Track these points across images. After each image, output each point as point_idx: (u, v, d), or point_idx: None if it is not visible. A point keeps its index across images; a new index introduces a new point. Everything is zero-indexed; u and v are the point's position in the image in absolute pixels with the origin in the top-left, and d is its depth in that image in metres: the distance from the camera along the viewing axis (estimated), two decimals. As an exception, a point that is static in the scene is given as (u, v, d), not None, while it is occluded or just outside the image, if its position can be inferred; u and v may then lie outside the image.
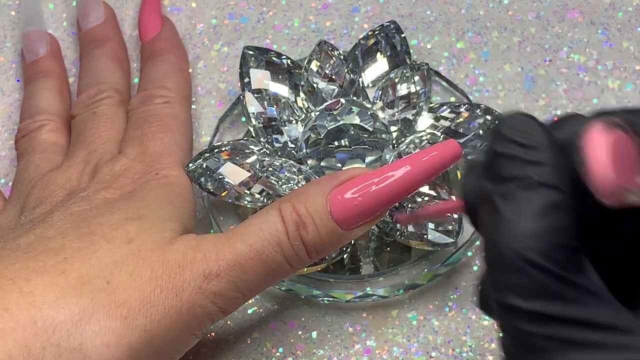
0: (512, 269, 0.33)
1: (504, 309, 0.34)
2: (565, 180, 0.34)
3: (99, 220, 0.44)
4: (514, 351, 0.34)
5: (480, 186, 0.35)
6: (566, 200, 0.33)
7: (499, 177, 0.34)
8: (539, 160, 0.34)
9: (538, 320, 0.33)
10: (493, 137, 0.35)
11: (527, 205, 0.33)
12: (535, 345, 0.33)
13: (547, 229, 0.33)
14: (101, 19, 0.56)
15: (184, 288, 0.42)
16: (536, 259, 0.33)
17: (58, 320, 0.40)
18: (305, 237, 0.43)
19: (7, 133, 0.55)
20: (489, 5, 0.57)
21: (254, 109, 0.50)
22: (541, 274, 0.33)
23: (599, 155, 0.33)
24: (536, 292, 0.33)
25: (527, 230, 0.33)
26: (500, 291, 0.34)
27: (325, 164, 0.49)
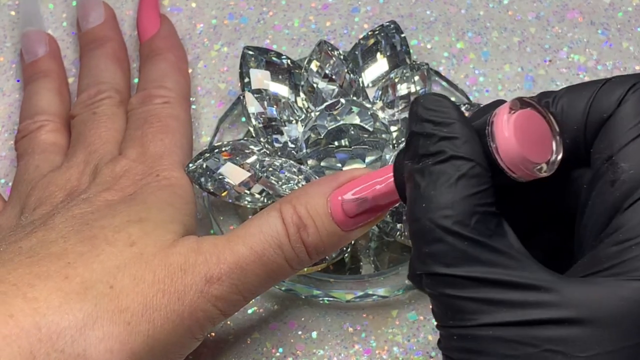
0: (431, 239, 0.35)
1: (429, 277, 0.36)
2: (475, 150, 0.36)
3: (100, 224, 0.44)
4: (443, 316, 0.36)
5: (403, 166, 0.38)
6: (477, 169, 0.36)
7: (416, 155, 0.37)
8: (450, 135, 0.36)
9: (461, 284, 0.35)
10: (409, 118, 0.37)
11: (440, 178, 0.36)
12: (462, 309, 0.35)
13: (459, 197, 0.35)
14: (101, 19, 0.56)
15: (185, 292, 0.42)
16: (452, 227, 0.35)
17: (62, 326, 0.40)
18: (306, 239, 0.43)
19: (7, 133, 0.55)
20: (489, 5, 0.57)
21: (254, 109, 0.50)
22: (458, 240, 0.35)
23: (505, 133, 0.36)
24: (455, 257, 0.35)
25: (442, 201, 0.35)
26: (424, 261, 0.36)
27: (325, 164, 0.49)
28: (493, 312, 0.35)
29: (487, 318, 0.35)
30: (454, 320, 0.35)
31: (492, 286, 0.35)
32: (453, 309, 0.35)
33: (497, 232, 0.35)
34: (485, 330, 0.35)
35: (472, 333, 0.35)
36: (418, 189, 0.36)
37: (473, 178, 0.35)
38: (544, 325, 0.34)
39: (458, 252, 0.35)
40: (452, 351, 0.36)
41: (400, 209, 0.48)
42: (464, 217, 0.35)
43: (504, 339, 0.34)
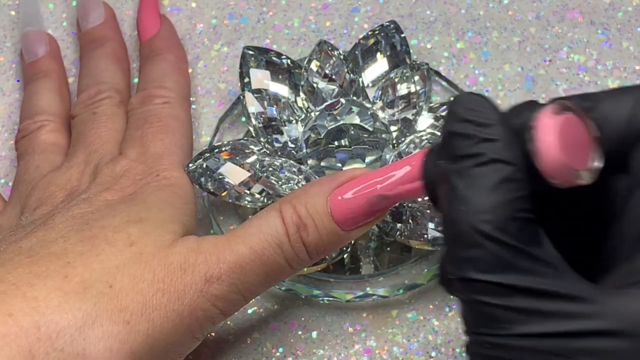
0: (468, 243, 0.34)
1: (463, 283, 0.35)
2: (516, 155, 0.35)
3: (100, 223, 0.44)
4: (475, 323, 0.35)
5: (437, 166, 0.37)
6: (518, 173, 0.35)
7: (453, 155, 0.36)
8: (491, 137, 0.35)
9: (496, 292, 0.34)
10: (447, 117, 0.36)
11: (480, 181, 0.34)
12: (496, 317, 0.34)
13: (500, 202, 0.34)
14: (101, 19, 0.56)
15: (185, 291, 0.42)
16: (490, 232, 0.34)
17: (61, 325, 0.40)
18: (305, 239, 0.43)
19: (7, 133, 0.55)
20: (489, 5, 0.57)
21: (254, 109, 0.50)
22: (496, 246, 0.34)
23: (546, 137, 0.35)
24: (492, 264, 0.34)
25: (481, 205, 0.34)
26: (459, 266, 0.35)
27: (325, 164, 0.49)
28: (529, 322, 0.34)
29: (522, 328, 0.34)
30: (486, 327, 0.34)
31: (529, 295, 0.34)
32: (486, 317, 0.34)
33: (535, 240, 0.34)
34: (520, 341, 0.34)
35: (505, 342, 0.34)
36: (455, 190, 0.35)
37: (514, 183, 0.34)
38: (580, 336, 0.33)
39: (496, 259, 0.34)
40: (482, 358, 0.35)
41: (400, 209, 0.48)
42: (504, 223, 0.34)
43: (538, 350, 0.33)
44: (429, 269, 0.48)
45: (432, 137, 0.49)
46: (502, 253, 0.34)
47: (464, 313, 0.36)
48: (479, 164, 0.35)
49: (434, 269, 0.48)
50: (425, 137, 0.49)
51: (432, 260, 0.49)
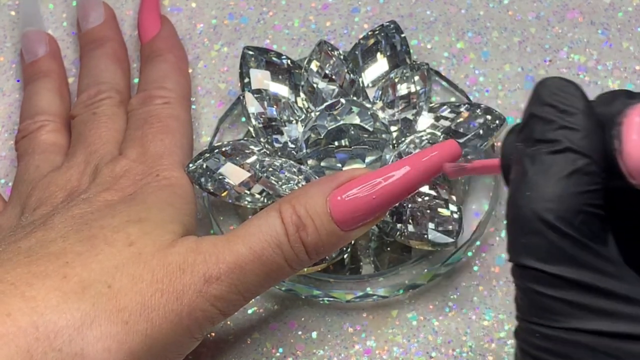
0: (529, 230, 0.34)
1: (519, 269, 0.34)
2: (595, 148, 0.34)
3: (100, 224, 0.44)
4: (528, 311, 0.34)
5: (514, 147, 0.36)
6: (592, 167, 0.34)
7: (530, 138, 0.35)
8: (571, 125, 0.34)
9: (552, 283, 0.33)
10: (531, 98, 0.35)
11: (551, 169, 0.34)
12: (550, 308, 0.34)
13: (567, 193, 0.33)
14: (101, 19, 0.56)
15: (184, 291, 0.42)
16: (553, 221, 0.33)
17: (60, 325, 0.40)
18: (305, 239, 0.43)
19: (7, 133, 0.55)
20: (489, 5, 0.57)
21: (254, 109, 0.50)
22: (557, 236, 0.33)
23: (633, 136, 0.33)
24: (551, 254, 0.33)
25: (548, 193, 0.33)
26: (517, 251, 0.34)
27: (325, 164, 0.49)
28: (584, 317, 0.33)
29: (576, 323, 0.33)
30: (539, 317, 0.34)
31: (587, 291, 0.33)
32: (540, 307, 0.34)
33: (599, 236, 0.34)
34: (572, 335, 0.33)
35: (557, 335, 0.33)
36: (525, 175, 0.34)
37: (586, 175, 0.34)
38: (636, 340, 0.33)
39: (556, 249, 0.33)
40: (532, 347, 0.34)
41: (400, 209, 0.48)
42: (568, 214, 0.33)
43: (590, 347, 0.33)
44: (429, 269, 0.48)
45: (432, 137, 0.49)
46: (563, 244, 0.33)
47: (518, 300, 0.35)
48: (553, 151, 0.34)
49: (434, 269, 0.48)
50: (425, 137, 0.49)
51: (432, 260, 0.49)
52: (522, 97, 0.54)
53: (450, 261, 0.48)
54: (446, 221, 0.47)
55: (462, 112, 0.50)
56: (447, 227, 0.47)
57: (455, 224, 0.47)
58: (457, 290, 0.49)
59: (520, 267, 0.34)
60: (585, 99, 0.35)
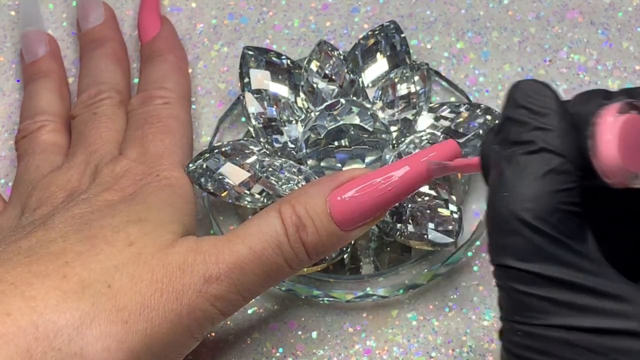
0: (507, 230, 0.34)
1: (500, 270, 0.35)
2: (569, 147, 0.35)
3: (100, 223, 0.44)
4: (510, 310, 0.35)
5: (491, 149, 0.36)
6: (567, 166, 0.34)
7: (506, 141, 0.35)
8: (545, 126, 0.35)
9: (532, 281, 0.34)
10: (505, 101, 0.36)
11: (527, 169, 0.34)
12: (531, 306, 0.34)
13: (544, 192, 0.34)
14: (101, 19, 0.56)
15: (184, 291, 0.42)
16: (531, 220, 0.34)
17: (59, 325, 0.40)
18: (305, 239, 0.43)
19: (7, 133, 0.55)
20: (489, 5, 0.57)
21: (253, 109, 0.50)
22: (535, 235, 0.34)
23: (607, 137, 0.34)
24: (530, 253, 0.34)
25: (525, 193, 0.34)
26: (497, 252, 0.35)
27: (325, 164, 0.49)
28: (564, 314, 0.34)
29: (556, 320, 0.34)
30: (521, 316, 0.34)
31: (566, 288, 0.34)
32: (521, 305, 0.34)
33: (578, 234, 0.34)
34: (553, 332, 0.34)
35: (538, 332, 0.34)
36: (502, 176, 0.35)
37: (561, 174, 0.34)
38: (615, 335, 0.33)
39: (534, 248, 0.34)
40: (515, 346, 0.35)
41: (400, 209, 0.48)
42: (545, 213, 0.34)
43: (571, 343, 0.34)
44: (429, 269, 0.48)
45: (432, 137, 0.49)
46: (541, 243, 0.34)
47: (500, 299, 0.36)
48: (528, 152, 0.35)
49: (434, 269, 0.48)
50: (425, 137, 0.49)
51: (432, 260, 0.49)
52: (522, 97, 0.54)
53: (450, 261, 0.48)
54: (446, 221, 0.47)
55: (462, 112, 0.50)
56: (447, 227, 0.47)
57: (455, 224, 0.47)
58: (457, 290, 0.49)
59: (501, 267, 0.35)
60: (558, 100, 0.36)
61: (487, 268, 0.50)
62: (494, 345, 0.48)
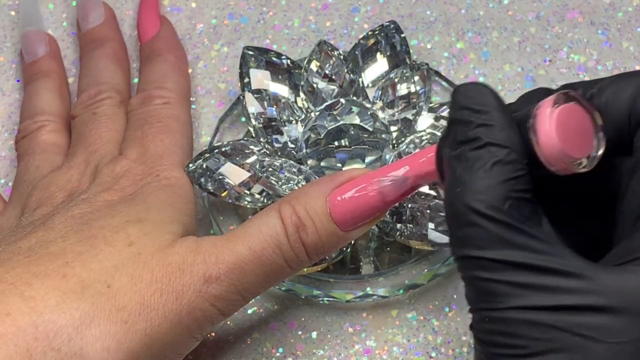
0: (465, 222, 0.36)
1: (463, 260, 0.36)
2: (512, 138, 0.36)
3: (99, 224, 0.44)
4: (475, 299, 0.36)
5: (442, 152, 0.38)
6: (512, 155, 0.36)
7: (454, 142, 0.37)
8: (486, 122, 0.37)
9: (493, 268, 0.35)
10: (450, 105, 0.38)
11: (476, 164, 0.36)
12: (493, 291, 0.35)
13: (493, 183, 0.36)
14: (101, 19, 0.56)
15: (184, 291, 0.42)
16: (484, 210, 0.35)
17: (59, 325, 0.40)
18: (305, 239, 0.43)
19: (7, 133, 0.55)
20: (489, 5, 0.57)
21: (253, 109, 0.50)
22: (491, 223, 0.35)
23: (545, 127, 0.36)
24: (488, 240, 0.35)
25: (475, 185, 0.36)
26: (457, 245, 0.36)
27: (325, 164, 0.49)
28: (525, 295, 0.35)
29: (518, 301, 0.35)
30: (486, 303, 0.35)
31: (524, 270, 0.35)
32: (485, 292, 0.35)
33: (531, 218, 0.36)
34: (516, 313, 0.35)
35: (503, 316, 0.35)
36: (454, 174, 0.37)
37: (508, 164, 0.36)
38: (576, 311, 0.34)
39: (490, 236, 0.35)
40: (484, 334, 0.36)
41: (400, 209, 0.48)
42: (497, 202, 0.35)
43: (535, 322, 0.35)
44: (429, 269, 0.48)
45: (432, 137, 0.49)
46: (496, 229, 0.35)
47: (467, 292, 0.37)
48: (475, 147, 0.36)
49: (434, 269, 0.48)
50: (425, 137, 0.49)
51: (432, 260, 0.49)
52: (522, 97, 0.54)
53: (450, 261, 0.48)
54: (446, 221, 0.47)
55: (462, 112, 0.50)
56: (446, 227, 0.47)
57: (455, 224, 0.47)
58: (457, 290, 0.49)
59: (462, 258, 0.36)
60: (498, 98, 0.38)
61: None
62: (494, 345, 0.48)
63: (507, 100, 0.54)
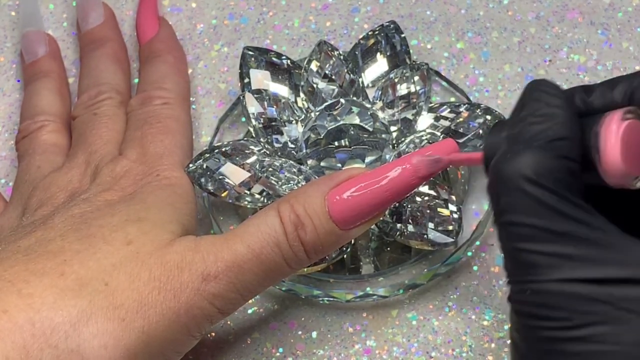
0: (511, 188, 0.36)
1: (505, 227, 0.36)
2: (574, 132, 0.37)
3: (99, 223, 0.44)
4: (516, 270, 0.36)
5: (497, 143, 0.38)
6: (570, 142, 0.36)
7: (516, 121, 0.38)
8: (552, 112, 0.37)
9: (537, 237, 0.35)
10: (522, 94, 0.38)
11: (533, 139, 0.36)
12: (536, 263, 0.35)
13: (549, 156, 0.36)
14: (101, 19, 0.56)
15: (182, 289, 0.42)
16: (535, 177, 0.35)
17: (56, 322, 0.40)
18: (303, 238, 0.43)
19: (7, 133, 0.55)
20: (489, 6, 0.57)
21: (254, 110, 0.50)
22: (541, 190, 0.35)
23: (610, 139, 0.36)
24: (535, 208, 0.35)
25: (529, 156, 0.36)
26: (501, 211, 0.36)
27: (325, 164, 0.49)
28: (570, 267, 0.35)
29: (561, 273, 0.35)
30: (527, 274, 0.35)
31: (569, 241, 0.35)
32: (527, 264, 0.35)
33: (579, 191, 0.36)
34: (559, 286, 0.35)
35: (545, 288, 0.35)
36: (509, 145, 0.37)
37: (564, 147, 0.36)
38: (619, 283, 0.34)
39: (538, 202, 0.35)
40: (525, 306, 0.36)
41: (400, 209, 0.48)
42: (548, 172, 0.36)
43: (578, 295, 0.35)
44: (429, 269, 0.48)
45: (432, 137, 0.49)
46: (544, 197, 0.35)
47: (506, 263, 0.37)
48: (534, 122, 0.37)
49: (434, 269, 0.48)
50: (425, 137, 0.49)
51: (432, 260, 0.49)
52: (522, 97, 0.54)
53: (450, 261, 0.48)
54: (446, 221, 0.47)
55: (462, 112, 0.50)
56: (446, 227, 0.47)
57: (455, 223, 0.47)
58: (457, 290, 0.49)
59: (506, 226, 0.36)
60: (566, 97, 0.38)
61: (487, 268, 0.50)
62: (494, 345, 0.48)
63: (508, 100, 0.54)
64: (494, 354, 0.47)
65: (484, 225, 0.49)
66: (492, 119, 0.50)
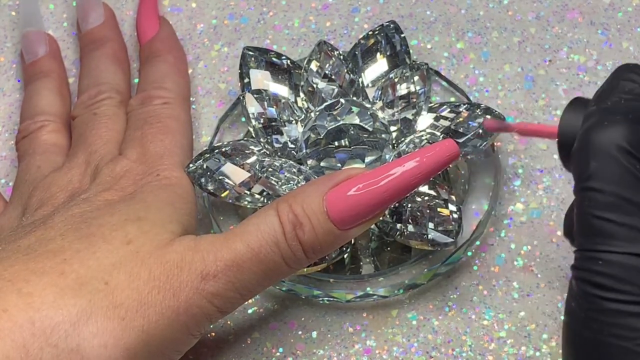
0: (601, 154, 0.36)
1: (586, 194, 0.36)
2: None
3: (99, 222, 0.44)
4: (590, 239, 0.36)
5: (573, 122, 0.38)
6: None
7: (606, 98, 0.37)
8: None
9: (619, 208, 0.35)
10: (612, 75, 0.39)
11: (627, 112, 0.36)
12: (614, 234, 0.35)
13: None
14: (101, 19, 0.56)
15: (181, 289, 0.42)
16: (627, 146, 0.35)
17: (56, 321, 0.40)
18: (301, 238, 0.43)
19: (7, 133, 0.55)
20: (489, 6, 0.57)
21: (253, 110, 0.50)
22: (630, 160, 0.35)
23: None
24: (622, 178, 0.35)
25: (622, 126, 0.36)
26: (586, 175, 0.36)
27: (325, 164, 0.49)
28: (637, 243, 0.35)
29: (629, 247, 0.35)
30: (602, 244, 0.35)
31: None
32: (604, 233, 0.35)
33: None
34: (635, 260, 0.35)
35: (620, 260, 0.35)
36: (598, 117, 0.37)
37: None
38: None
39: (626, 173, 0.35)
40: (593, 275, 0.35)
41: (400, 209, 0.48)
42: None
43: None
44: (429, 268, 0.48)
45: (432, 137, 0.49)
46: (634, 169, 0.35)
47: (580, 229, 0.36)
48: (628, 99, 0.37)
49: (434, 269, 0.48)
50: (425, 137, 0.49)
51: (432, 260, 0.49)
52: (522, 97, 0.54)
53: (450, 261, 0.48)
54: (446, 221, 0.47)
55: (461, 112, 0.50)
56: (446, 227, 0.47)
57: (455, 223, 0.47)
58: (457, 290, 0.49)
59: (589, 191, 0.36)
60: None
61: (487, 268, 0.50)
62: (494, 345, 0.48)
63: (508, 100, 0.54)
64: (493, 354, 0.47)
65: (484, 225, 0.49)
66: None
